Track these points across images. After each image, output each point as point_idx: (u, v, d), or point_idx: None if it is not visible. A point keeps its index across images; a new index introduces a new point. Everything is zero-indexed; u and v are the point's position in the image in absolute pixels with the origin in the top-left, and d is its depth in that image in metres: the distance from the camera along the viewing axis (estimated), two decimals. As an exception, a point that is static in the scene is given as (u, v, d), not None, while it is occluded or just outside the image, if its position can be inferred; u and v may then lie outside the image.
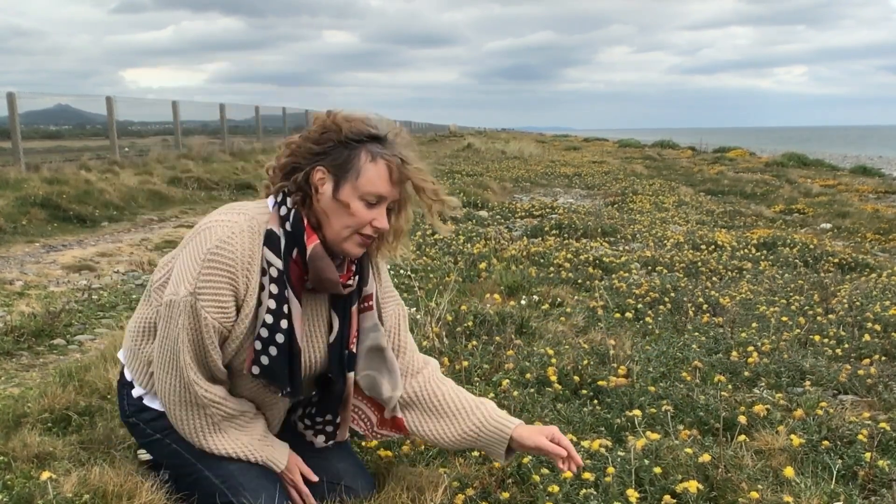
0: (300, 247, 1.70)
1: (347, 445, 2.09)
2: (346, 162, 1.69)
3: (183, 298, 1.65)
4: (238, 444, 1.81)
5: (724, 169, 18.01)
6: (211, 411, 1.77)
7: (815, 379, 2.98)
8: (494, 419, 1.89)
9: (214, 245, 1.65)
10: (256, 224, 1.72)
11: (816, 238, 7.15)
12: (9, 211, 7.45)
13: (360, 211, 1.69)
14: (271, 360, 1.73)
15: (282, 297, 1.70)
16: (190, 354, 1.70)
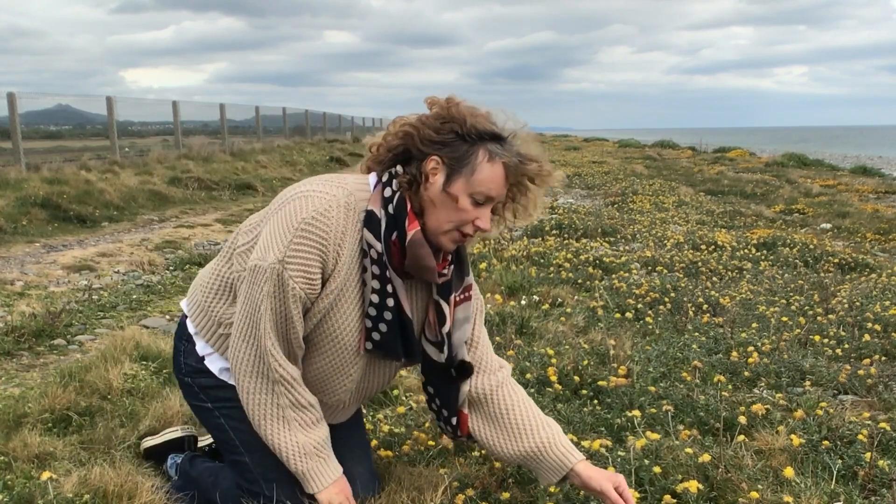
0: (400, 231, 1.66)
1: (368, 449, 2.09)
2: (464, 157, 1.65)
3: (270, 265, 1.61)
4: (290, 443, 1.72)
5: (724, 169, 18.00)
6: (279, 389, 1.70)
7: (815, 379, 2.99)
8: (559, 447, 1.83)
9: (310, 215, 1.62)
10: (354, 201, 1.68)
11: (816, 238, 7.15)
12: (9, 211, 7.46)
13: (466, 208, 1.66)
14: (382, 335, 1.73)
15: (384, 277, 1.68)
16: (270, 323, 1.65)
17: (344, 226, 1.65)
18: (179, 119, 16.48)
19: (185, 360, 1.90)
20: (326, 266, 1.65)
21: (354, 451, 1.98)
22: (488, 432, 1.90)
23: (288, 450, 1.72)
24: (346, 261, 1.67)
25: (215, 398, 1.86)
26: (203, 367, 1.87)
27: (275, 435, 1.72)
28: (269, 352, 1.68)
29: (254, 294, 1.66)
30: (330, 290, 1.68)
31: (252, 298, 1.67)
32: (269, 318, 1.65)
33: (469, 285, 1.85)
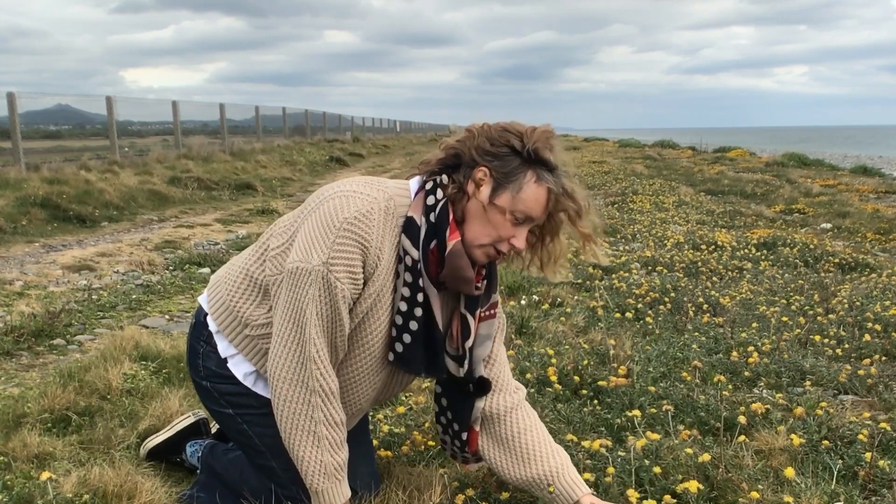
0: (440, 241, 1.65)
1: (372, 449, 2.08)
2: (512, 173, 1.64)
3: (315, 268, 1.57)
4: (315, 460, 1.67)
5: (724, 169, 18.00)
6: (316, 401, 1.65)
7: (816, 379, 2.98)
8: (566, 477, 1.83)
9: (353, 216, 1.59)
10: (393, 206, 1.67)
11: (817, 238, 7.14)
12: (9, 211, 7.45)
13: (504, 224, 1.66)
14: (405, 347, 1.71)
15: (416, 286, 1.67)
16: (316, 329, 1.61)
17: (384, 228, 1.63)
18: (179, 119, 16.48)
19: (205, 363, 1.84)
20: (368, 264, 1.62)
21: (363, 450, 1.97)
22: (497, 454, 1.89)
23: (310, 465, 1.68)
24: (385, 265, 1.65)
25: (237, 405, 1.81)
26: (224, 373, 1.81)
27: (302, 448, 1.68)
28: (313, 359, 1.63)
29: (298, 298, 1.61)
30: (368, 293, 1.65)
31: (296, 303, 1.61)
32: (315, 322, 1.61)
33: (495, 302, 1.85)
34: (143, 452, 2.26)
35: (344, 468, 1.73)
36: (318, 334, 1.62)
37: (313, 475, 1.69)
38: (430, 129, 57.54)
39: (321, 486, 1.70)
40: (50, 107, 17.00)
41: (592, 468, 2.05)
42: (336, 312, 1.61)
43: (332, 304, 1.60)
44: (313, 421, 1.66)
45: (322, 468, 1.68)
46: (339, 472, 1.72)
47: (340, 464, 1.72)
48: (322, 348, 1.63)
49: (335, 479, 1.71)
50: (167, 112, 16.53)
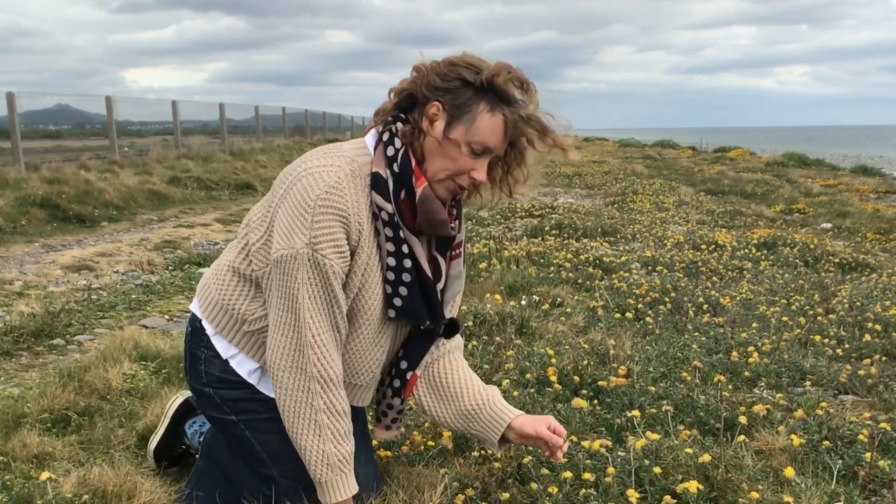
0: (408, 189, 1.64)
1: (372, 450, 2.08)
2: (465, 105, 1.63)
3: (300, 251, 1.56)
4: (318, 450, 1.65)
5: (724, 169, 18.00)
6: (315, 388, 1.63)
7: (816, 379, 2.98)
8: (494, 405, 1.85)
9: (324, 191, 1.58)
10: (357, 167, 1.65)
11: (817, 238, 7.14)
12: (8, 211, 7.45)
13: (462, 157, 1.64)
14: (404, 299, 1.71)
15: (398, 238, 1.66)
16: (311, 312, 1.60)
17: (356, 193, 1.62)
18: (179, 119, 16.48)
19: (207, 368, 1.81)
20: (351, 236, 1.62)
21: (361, 451, 1.96)
22: (429, 397, 1.89)
23: (313, 455, 1.66)
24: (368, 230, 1.65)
25: (240, 410, 1.79)
26: (227, 377, 1.79)
27: (303, 437, 1.66)
28: (309, 344, 1.61)
29: (289, 284, 1.59)
30: (360, 262, 1.64)
31: (287, 290, 1.60)
32: (310, 306, 1.60)
33: (460, 241, 1.85)
34: (150, 458, 2.21)
35: (349, 461, 1.71)
36: (313, 318, 1.61)
37: (316, 465, 1.67)
38: (430, 128, 57.43)
39: (325, 478, 1.68)
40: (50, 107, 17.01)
41: (592, 468, 2.05)
42: (330, 290, 1.61)
43: (324, 283, 1.59)
44: (313, 409, 1.64)
45: (325, 458, 1.66)
46: (343, 463, 1.69)
47: (345, 455, 1.69)
48: (319, 332, 1.62)
49: (339, 471, 1.69)
50: (167, 112, 16.54)
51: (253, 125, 21.91)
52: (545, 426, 1.81)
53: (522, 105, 1.66)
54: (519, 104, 1.66)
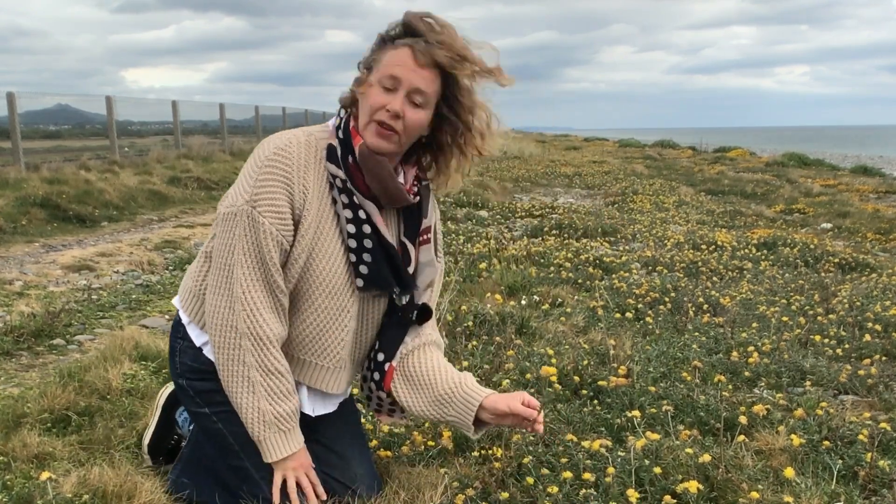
0: (352, 151, 1.69)
1: (368, 450, 2.08)
2: (378, 55, 1.69)
3: (240, 208, 1.62)
4: (252, 407, 1.67)
5: (724, 169, 18.00)
6: (245, 345, 1.64)
7: (816, 379, 2.98)
8: (466, 386, 1.83)
9: (272, 152, 1.65)
10: (314, 140, 1.72)
11: (817, 238, 7.14)
12: (9, 211, 7.45)
13: (373, 93, 1.66)
14: (369, 266, 1.72)
15: (353, 204, 1.70)
16: (243, 268, 1.63)
17: (305, 159, 1.68)
18: (179, 119, 16.49)
19: (181, 358, 1.85)
20: (294, 200, 1.65)
21: (356, 451, 1.97)
22: (404, 390, 1.88)
23: (249, 413, 1.68)
24: (315, 195, 1.68)
25: (212, 402, 1.81)
26: (199, 367, 1.81)
27: (238, 395, 1.68)
28: (239, 299, 1.64)
29: (226, 240, 1.65)
30: (306, 227, 1.67)
31: (225, 245, 1.65)
32: (243, 262, 1.63)
33: (429, 227, 1.86)
34: (145, 454, 2.22)
35: (289, 418, 1.71)
36: (245, 273, 1.63)
37: (252, 423, 1.68)
38: (430, 128, 57.35)
39: (262, 435, 1.69)
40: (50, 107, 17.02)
41: (592, 468, 2.05)
42: (264, 250, 1.63)
43: (257, 241, 1.62)
44: (245, 366, 1.66)
45: (260, 416, 1.67)
46: (281, 421, 1.69)
47: (282, 413, 1.69)
48: (251, 289, 1.64)
49: (277, 429, 1.69)
50: (167, 112, 16.56)
51: (253, 125, 21.91)
52: (518, 401, 1.80)
53: (431, 35, 1.67)
54: (425, 35, 1.67)
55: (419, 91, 1.66)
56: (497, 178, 12.95)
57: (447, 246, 6.01)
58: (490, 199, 9.80)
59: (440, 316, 3.43)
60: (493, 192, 10.68)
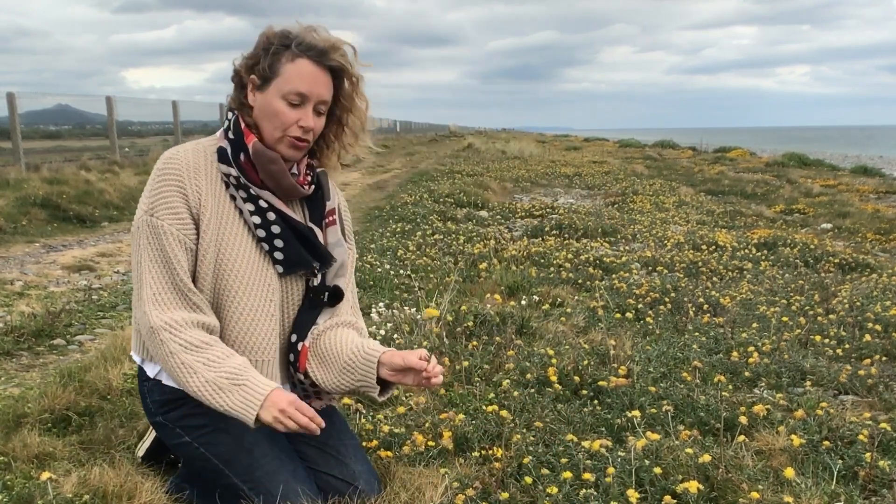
0: (244, 149, 1.76)
1: (361, 446, 2.09)
2: (272, 65, 1.74)
3: (142, 219, 1.70)
4: (202, 384, 1.64)
5: (724, 169, 18.00)
6: (164, 337, 1.65)
7: (816, 379, 2.98)
8: (368, 345, 1.84)
9: (162, 163, 1.74)
10: (202, 147, 1.79)
11: (817, 238, 7.15)
12: (9, 211, 7.45)
13: (283, 111, 1.74)
14: (284, 250, 1.79)
15: (252, 196, 1.77)
16: (150, 273, 1.69)
17: (195, 163, 1.75)
18: (179, 119, 16.48)
19: (151, 398, 1.88)
20: (189, 201, 1.71)
21: (350, 450, 1.97)
22: (317, 367, 1.87)
23: (202, 392, 1.64)
24: (209, 194, 1.74)
25: (189, 428, 1.83)
26: (166, 397, 1.84)
27: (186, 382, 1.65)
28: (149, 300, 1.68)
29: (135, 253, 1.72)
30: (206, 224, 1.73)
31: (134, 259, 1.72)
32: (149, 268, 1.69)
33: (333, 209, 1.93)
34: (138, 457, 2.23)
35: (239, 373, 1.65)
36: (153, 278, 1.69)
37: (211, 399, 1.64)
38: (431, 129, 57.52)
39: (225, 403, 1.63)
40: (50, 107, 17.02)
41: (592, 468, 2.05)
42: (167, 251, 1.69)
43: (161, 244, 1.69)
44: (173, 354, 1.66)
45: (211, 386, 1.63)
46: (234, 378, 1.65)
47: (230, 372, 1.65)
48: (159, 290, 1.69)
49: (235, 388, 1.64)
50: (167, 112, 16.55)
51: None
52: (415, 356, 1.80)
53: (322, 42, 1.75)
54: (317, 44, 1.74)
55: (324, 101, 1.78)
56: (497, 178, 12.95)
57: (448, 245, 6.01)
58: (490, 199, 9.80)
59: (440, 316, 3.43)
60: (493, 192, 10.68)
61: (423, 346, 3.07)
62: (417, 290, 4.08)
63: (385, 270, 4.94)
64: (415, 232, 6.67)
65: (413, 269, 5.05)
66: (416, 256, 5.48)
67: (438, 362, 1.96)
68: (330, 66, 1.76)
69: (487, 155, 21.95)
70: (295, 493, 1.79)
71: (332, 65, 1.76)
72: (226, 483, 1.82)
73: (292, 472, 1.83)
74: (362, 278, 4.65)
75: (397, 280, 4.69)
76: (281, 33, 1.76)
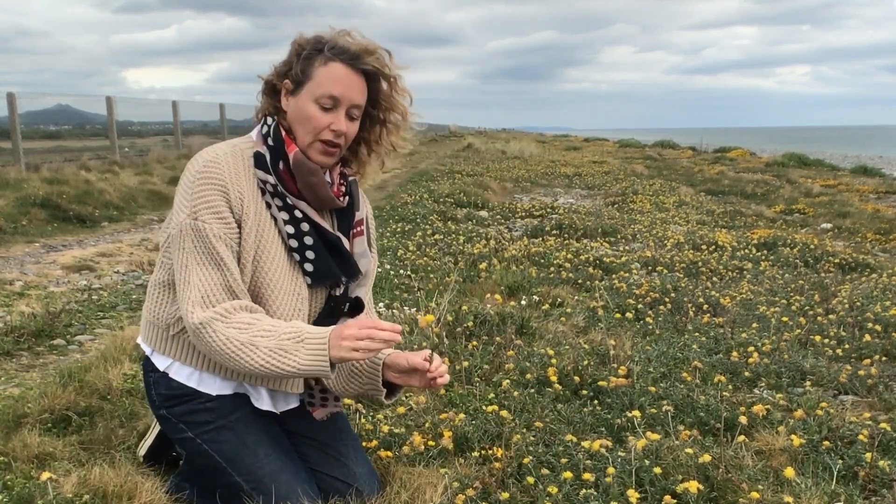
0: (284, 158, 1.75)
1: (362, 448, 2.09)
2: (305, 70, 1.74)
3: (184, 223, 1.67)
4: (267, 357, 1.61)
5: (724, 169, 18.00)
6: (217, 326, 1.63)
7: (816, 379, 2.98)
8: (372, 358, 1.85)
9: (201, 166, 1.70)
10: (239, 150, 1.77)
11: (817, 238, 7.14)
12: (9, 211, 7.45)
13: (315, 115, 1.73)
14: (314, 262, 1.78)
15: (288, 206, 1.75)
16: (198, 276, 1.65)
17: (235, 167, 1.72)
18: (179, 119, 16.49)
19: (156, 391, 1.88)
20: (232, 204, 1.69)
21: (351, 451, 1.98)
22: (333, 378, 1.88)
23: (273, 362, 1.62)
24: (250, 199, 1.72)
25: (193, 424, 1.83)
26: (173, 392, 1.84)
27: (253, 362, 1.62)
28: (200, 302, 1.64)
29: (180, 258, 1.68)
30: (248, 229, 1.71)
31: (180, 263, 1.68)
32: (198, 271, 1.66)
33: (361, 220, 1.93)
34: (140, 457, 2.23)
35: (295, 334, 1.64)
36: (202, 280, 1.66)
37: (282, 364, 1.62)
38: (431, 129, 57.49)
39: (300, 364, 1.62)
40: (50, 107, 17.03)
41: (592, 468, 2.05)
42: (215, 254, 1.67)
43: (208, 247, 1.66)
44: (229, 339, 1.63)
45: (279, 356, 1.62)
46: (294, 337, 1.64)
47: (288, 336, 1.64)
48: (210, 291, 1.66)
49: (297, 348, 1.63)
50: (167, 112, 16.55)
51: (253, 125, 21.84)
52: (419, 357, 1.80)
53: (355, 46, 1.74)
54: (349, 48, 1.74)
55: (357, 105, 1.76)
56: (497, 178, 12.95)
57: (448, 245, 6.01)
58: (490, 199, 9.80)
59: (440, 316, 3.43)
60: (493, 192, 10.68)
61: (424, 347, 3.07)
62: (417, 291, 4.08)
63: (385, 270, 4.94)
64: (415, 232, 6.67)
65: (413, 269, 5.05)
66: (416, 256, 5.48)
67: None
68: (364, 69, 1.74)
69: (487, 155, 21.95)
70: (296, 494, 1.79)
71: (365, 68, 1.74)
72: (227, 481, 1.82)
73: (294, 473, 1.83)
74: (362, 278, 4.64)
75: (397, 280, 4.69)
76: (314, 38, 1.75)
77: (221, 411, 1.80)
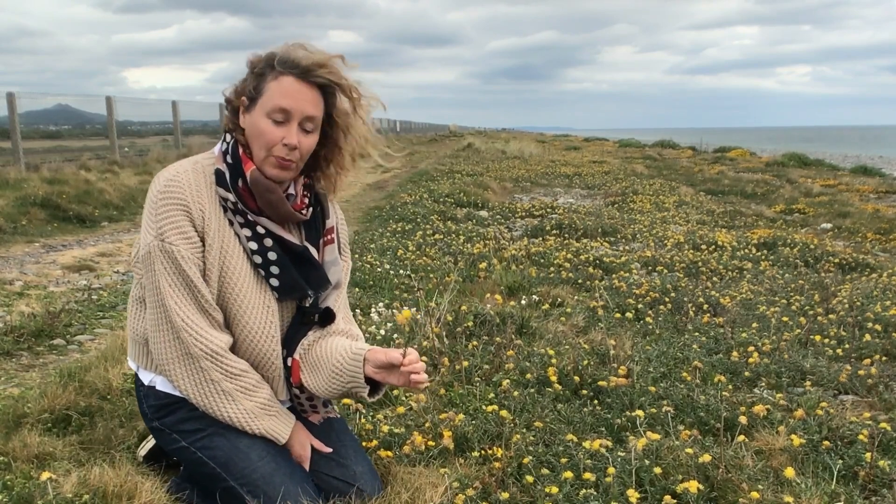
0: (242, 176, 1.76)
1: (361, 447, 2.09)
2: (257, 86, 1.75)
3: (152, 245, 1.70)
4: (240, 412, 1.77)
5: (724, 169, 18.00)
6: (206, 365, 1.73)
7: (816, 379, 2.98)
8: (354, 346, 1.84)
9: (163, 185, 1.72)
10: (200, 167, 1.79)
11: (817, 238, 7.15)
12: (9, 211, 7.45)
13: (268, 129, 1.73)
14: (279, 277, 1.80)
15: (249, 222, 1.77)
16: (174, 298, 1.70)
17: (196, 184, 1.74)
18: (179, 119, 16.49)
19: (148, 403, 1.90)
20: (195, 221, 1.72)
21: (350, 451, 1.98)
22: (309, 375, 1.88)
23: (240, 418, 1.78)
24: (212, 215, 1.75)
25: (185, 433, 1.85)
26: (161, 402, 1.86)
27: (223, 410, 1.77)
28: (181, 327, 1.71)
29: (151, 280, 1.72)
30: (210, 243, 1.74)
31: (151, 284, 1.72)
32: (171, 293, 1.70)
33: (331, 227, 1.93)
34: (140, 457, 2.23)
35: (268, 404, 1.82)
36: (177, 303, 1.71)
37: (248, 424, 1.78)
38: (431, 129, 57.56)
39: (260, 428, 1.80)
40: (50, 107, 17.03)
41: (593, 468, 2.05)
42: (184, 275, 1.70)
43: (178, 269, 1.70)
44: (214, 382, 1.75)
45: (249, 414, 1.78)
46: (268, 408, 1.81)
47: (262, 403, 1.80)
48: (187, 314, 1.71)
49: (268, 417, 1.81)
50: (167, 112, 16.56)
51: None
52: (398, 353, 1.79)
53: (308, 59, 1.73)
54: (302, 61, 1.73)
55: (310, 118, 1.75)
56: (497, 178, 12.95)
57: (448, 245, 6.01)
58: (490, 199, 9.80)
59: (440, 316, 3.43)
60: (493, 192, 10.68)
61: (424, 347, 3.07)
62: (417, 290, 4.08)
63: (385, 270, 4.94)
64: (415, 232, 6.67)
65: (413, 269, 5.05)
66: (416, 256, 5.48)
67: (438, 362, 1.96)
68: (316, 82, 1.74)
69: (487, 155, 21.95)
70: (293, 495, 1.79)
71: (318, 81, 1.74)
72: (224, 487, 1.83)
73: (289, 473, 1.83)
74: (362, 278, 4.65)
75: (397, 280, 4.69)
76: (266, 55, 1.76)
77: (211, 418, 1.81)
